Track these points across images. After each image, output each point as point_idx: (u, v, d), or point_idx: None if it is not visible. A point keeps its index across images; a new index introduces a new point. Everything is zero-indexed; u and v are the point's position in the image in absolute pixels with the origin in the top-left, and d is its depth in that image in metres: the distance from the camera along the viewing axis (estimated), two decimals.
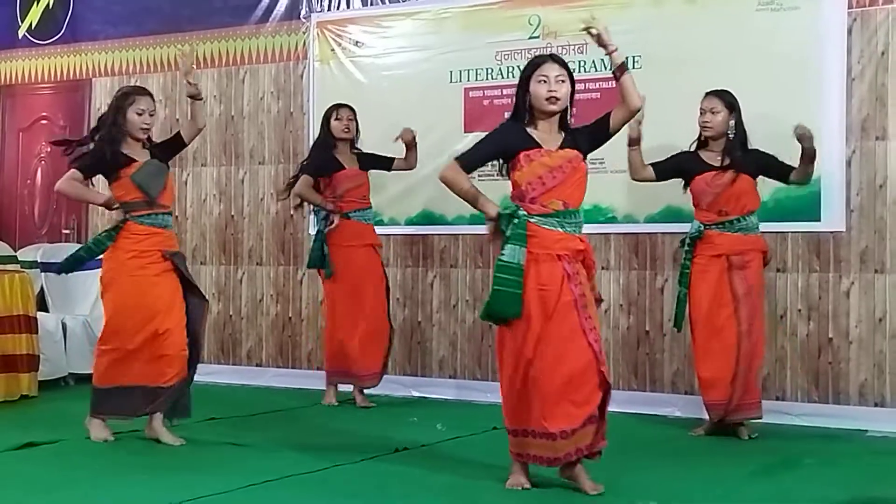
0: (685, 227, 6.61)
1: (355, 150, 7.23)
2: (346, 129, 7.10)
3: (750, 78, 6.57)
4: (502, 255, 4.53)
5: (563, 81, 4.60)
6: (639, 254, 7.07)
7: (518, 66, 7.37)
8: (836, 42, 6.50)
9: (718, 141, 6.01)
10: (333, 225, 7.04)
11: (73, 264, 5.91)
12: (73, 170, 5.66)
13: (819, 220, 6.53)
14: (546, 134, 4.62)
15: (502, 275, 4.51)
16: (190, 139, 5.99)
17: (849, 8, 6.50)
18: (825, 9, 6.54)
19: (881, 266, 6.42)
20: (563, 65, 4.67)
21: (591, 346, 4.48)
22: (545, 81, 4.58)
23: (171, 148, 5.93)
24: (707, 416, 6.10)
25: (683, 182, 6.13)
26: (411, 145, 7.15)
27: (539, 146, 4.58)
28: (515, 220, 4.54)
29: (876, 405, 6.40)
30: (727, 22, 6.82)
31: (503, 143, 4.65)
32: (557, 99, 4.58)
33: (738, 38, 6.75)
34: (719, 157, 6.00)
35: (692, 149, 6.13)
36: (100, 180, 6.32)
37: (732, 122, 5.96)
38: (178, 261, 5.81)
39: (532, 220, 4.54)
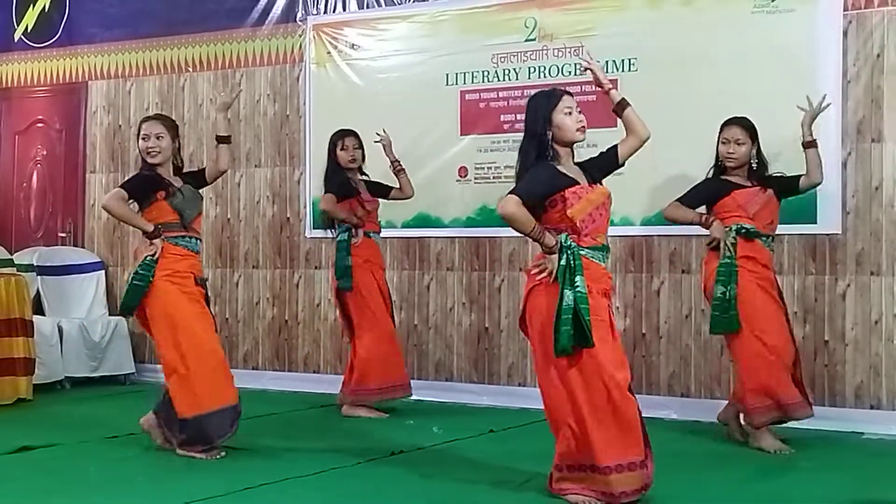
0: (681, 230, 6.63)
1: (362, 177, 7.14)
2: (353, 160, 7.01)
3: (746, 80, 6.59)
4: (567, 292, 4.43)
5: (580, 111, 4.62)
6: (635, 256, 7.08)
7: (514, 69, 7.43)
8: (831, 44, 6.51)
9: (740, 170, 5.90)
10: (358, 239, 6.91)
11: (134, 298, 5.58)
12: (119, 189, 5.62)
13: (815, 222, 6.54)
14: (569, 170, 4.59)
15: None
16: (212, 180, 5.96)
17: (844, 10, 6.51)
18: (821, 11, 6.55)
19: (877, 268, 6.42)
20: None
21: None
22: (570, 113, 4.56)
23: (197, 180, 5.91)
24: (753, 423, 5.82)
25: (713, 203, 5.92)
26: (388, 148, 7.12)
27: (578, 183, 4.55)
28: (569, 252, 4.46)
29: (872, 407, 6.40)
30: (723, 24, 6.82)
31: (552, 184, 4.52)
32: (585, 128, 4.59)
33: (735, 40, 6.75)
34: (748, 182, 5.91)
35: (710, 175, 6.00)
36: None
37: (754, 152, 5.88)
38: (204, 286, 5.81)
39: (583, 251, 4.50)
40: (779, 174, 5.96)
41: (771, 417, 5.73)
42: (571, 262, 4.42)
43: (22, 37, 9.63)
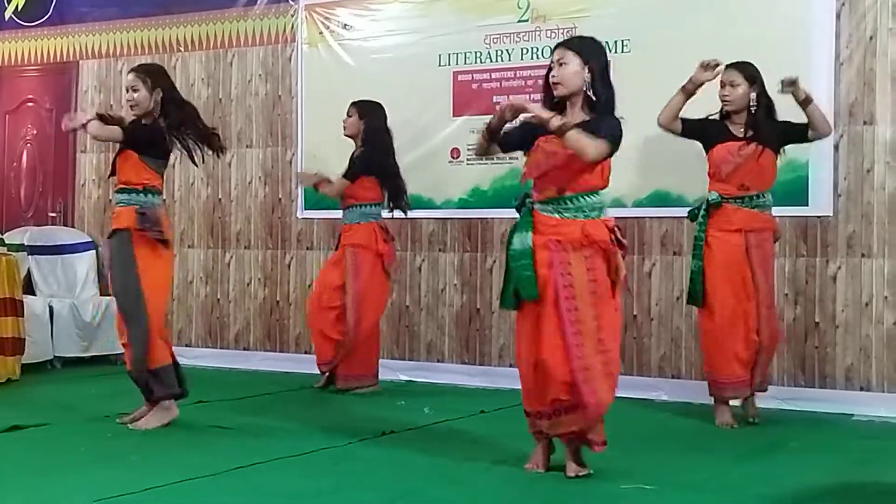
0: (673, 212, 6.65)
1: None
2: (344, 128, 7.06)
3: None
4: (510, 242, 4.56)
5: (563, 64, 4.51)
6: (626, 238, 7.06)
7: (507, 50, 7.42)
8: (824, 26, 6.51)
9: (740, 114, 5.87)
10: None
11: None
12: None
13: (806, 204, 6.55)
14: (569, 118, 4.50)
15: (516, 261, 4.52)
16: None
17: None
18: None
19: (868, 251, 6.44)
20: (571, 46, 4.58)
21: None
22: (551, 67, 4.57)
23: None
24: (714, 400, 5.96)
25: (704, 147, 5.96)
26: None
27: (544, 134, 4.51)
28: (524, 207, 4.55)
29: (862, 389, 6.43)
30: (716, 6, 6.82)
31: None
32: (557, 84, 4.53)
33: (727, 22, 6.74)
34: (742, 130, 5.87)
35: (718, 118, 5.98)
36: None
37: (754, 95, 5.83)
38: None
39: (535, 206, 4.54)
40: (784, 121, 5.90)
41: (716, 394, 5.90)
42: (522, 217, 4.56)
43: (13, 16, 9.59)
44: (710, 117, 5.98)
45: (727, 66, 5.88)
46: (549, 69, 4.58)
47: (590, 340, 4.43)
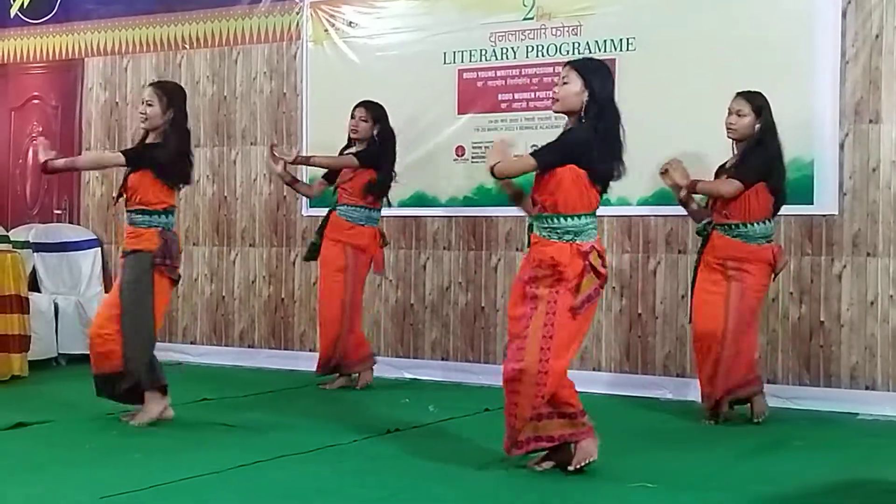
0: (678, 210, 6.62)
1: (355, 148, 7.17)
2: (354, 130, 7.06)
3: (744, 60, 6.57)
4: None
5: (566, 83, 4.60)
6: (631, 236, 7.07)
7: (512, 48, 7.41)
8: (830, 25, 6.49)
9: (742, 143, 5.88)
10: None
11: None
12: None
13: (812, 203, 6.53)
14: None
15: None
16: None
17: None
18: None
19: (873, 249, 6.43)
20: (576, 67, 4.63)
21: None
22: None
23: None
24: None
25: None
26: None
27: None
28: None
29: (867, 388, 6.42)
30: (722, 4, 6.81)
31: None
32: (555, 100, 4.66)
33: (733, 20, 6.73)
34: (736, 159, 5.91)
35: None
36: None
37: (758, 127, 5.82)
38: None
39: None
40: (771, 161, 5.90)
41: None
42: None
43: (18, 13, 9.59)
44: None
45: (737, 95, 5.89)
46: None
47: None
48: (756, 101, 5.83)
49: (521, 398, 4.53)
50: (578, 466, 4.53)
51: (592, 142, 4.53)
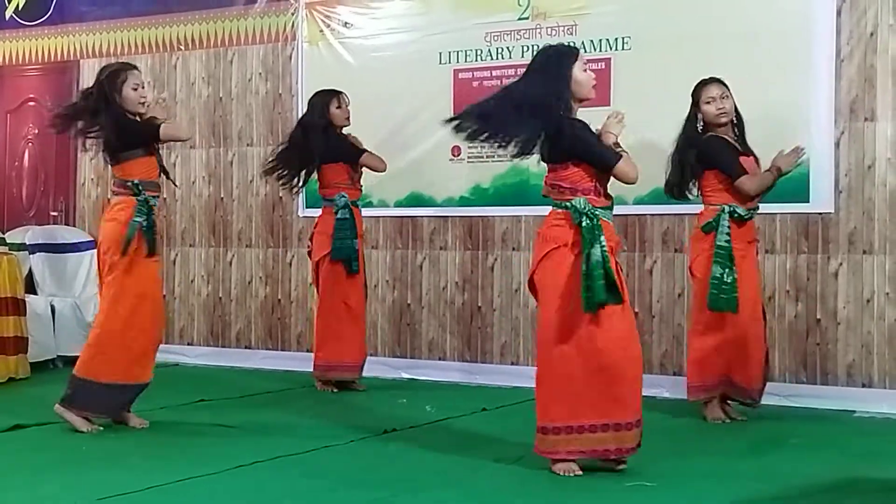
0: (674, 209, 6.65)
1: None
2: (348, 119, 7.06)
3: (739, 59, 6.57)
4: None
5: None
6: (628, 235, 7.07)
7: (507, 48, 7.42)
8: (824, 23, 6.50)
9: (726, 127, 5.88)
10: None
11: None
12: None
13: (807, 201, 6.54)
14: None
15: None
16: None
17: None
18: None
19: (869, 247, 6.43)
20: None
21: None
22: (586, 69, 4.67)
23: None
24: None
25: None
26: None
27: None
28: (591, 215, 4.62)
29: (863, 386, 6.43)
30: (717, 3, 6.82)
31: None
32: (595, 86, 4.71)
33: (728, 19, 6.74)
34: (737, 143, 5.90)
35: (703, 134, 5.90)
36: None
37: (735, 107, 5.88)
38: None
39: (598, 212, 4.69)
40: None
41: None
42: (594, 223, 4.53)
43: (13, 15, 9.59)
44: (715, 137, 5.87)
45: (704, 83, 5.86)
46: (583, 67, 4.67)
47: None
48: (724, 83, 5.84)
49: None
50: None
51: None
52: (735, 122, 5.88)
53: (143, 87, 5.68)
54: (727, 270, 5.72)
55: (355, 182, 7.07)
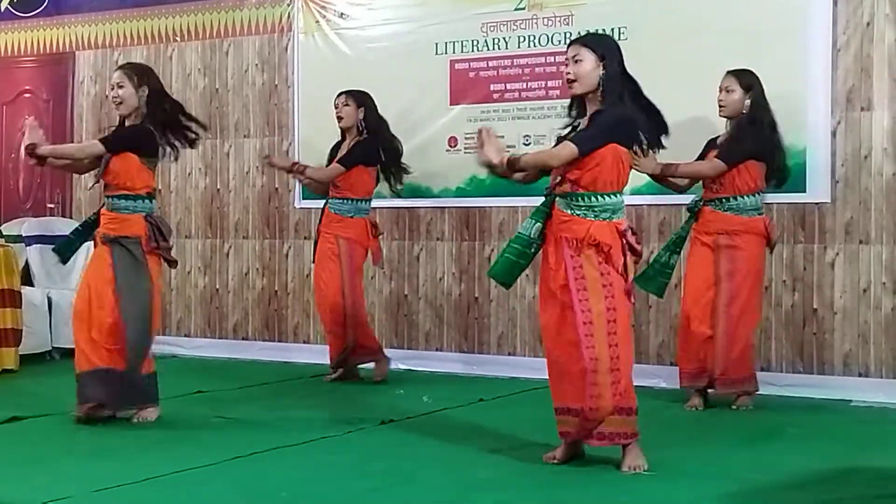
0: (671, 199, 6.65)
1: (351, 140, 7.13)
2: (340, 118, 7.02)
3: (735, 49, 6.55)
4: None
5: (578, 61, 4.50)
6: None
7: (504, 38, 7.41)
8: (821, 13, 6.49)
9: (734, 120, 5.95)
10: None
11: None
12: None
13: (804, 191, 6.54)
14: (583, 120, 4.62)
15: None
16: None
17: None
18: None
19: (866, 237, 6.44)
20: (585, 43, 4.55)
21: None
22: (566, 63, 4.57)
23: None
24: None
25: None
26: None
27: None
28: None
29: (860, 375, 6.43)
30: None
31: None
32: (571, 81, 4.54)
33: (724, 9, 6.73)
34: (725, 136, 5.99)
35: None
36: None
37: (748, 102, 5.88)
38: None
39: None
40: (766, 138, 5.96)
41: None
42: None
43: (8, 7, 9.56)
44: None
45: (727, 73, 5.97)
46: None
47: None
48: (745, 78, 5.91)
49: (602, 389, 4.42)
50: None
51: (630, 117, 4.51)
52: (739, 119, 5.90)
53: (114, 88, 5.57)
54: (669, 255, 6.06)
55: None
